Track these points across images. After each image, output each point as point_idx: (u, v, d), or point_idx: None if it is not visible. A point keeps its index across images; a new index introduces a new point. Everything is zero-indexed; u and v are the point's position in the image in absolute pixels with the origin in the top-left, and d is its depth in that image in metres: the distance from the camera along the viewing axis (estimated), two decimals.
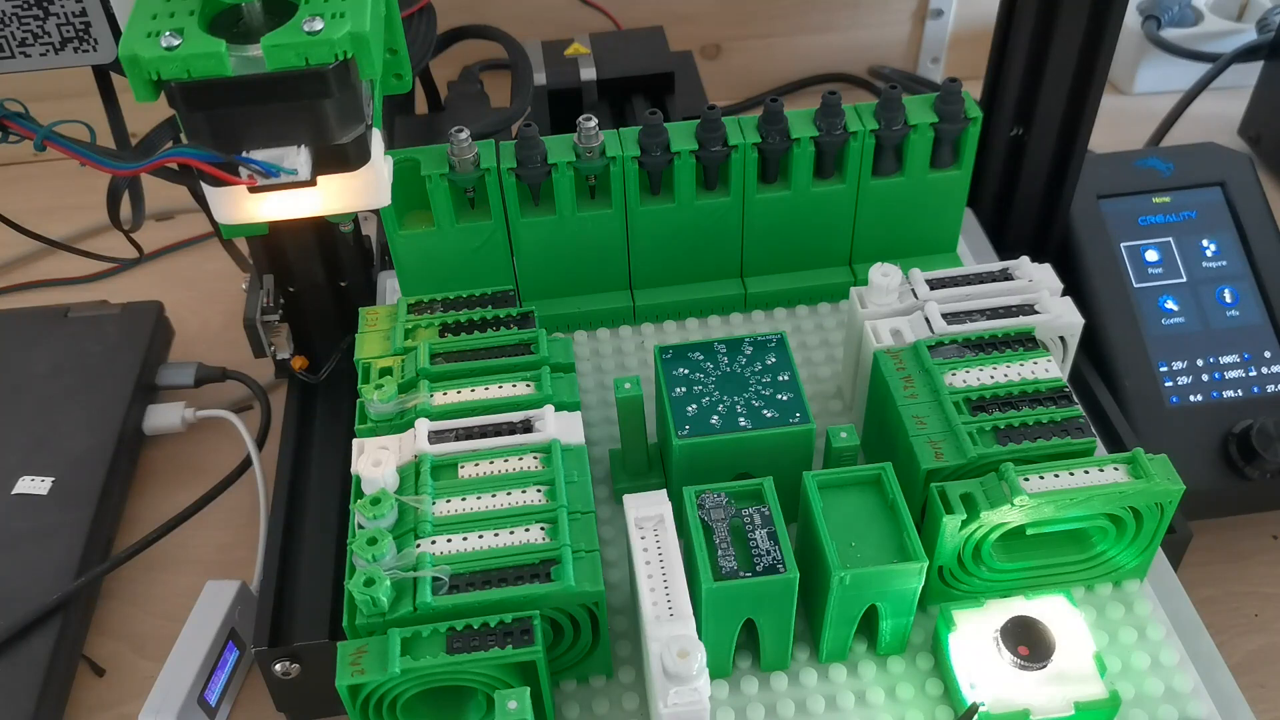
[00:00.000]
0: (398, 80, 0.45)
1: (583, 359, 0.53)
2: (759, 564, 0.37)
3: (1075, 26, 0.53)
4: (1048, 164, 0.58)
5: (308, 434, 0.55)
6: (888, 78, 0.85)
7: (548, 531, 0.38)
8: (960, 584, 0.41)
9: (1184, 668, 0.40)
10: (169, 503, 0.58)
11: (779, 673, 0.40)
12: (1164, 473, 0.39)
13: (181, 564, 0.56)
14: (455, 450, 0.41)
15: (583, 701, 0.40)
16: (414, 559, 0.37)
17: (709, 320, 0.54)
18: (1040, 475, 0.39)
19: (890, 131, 0.50)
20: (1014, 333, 0.44)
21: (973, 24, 0.85)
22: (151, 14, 0.35)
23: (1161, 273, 0.57)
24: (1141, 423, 0.53)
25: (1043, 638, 0.38)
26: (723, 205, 0.52)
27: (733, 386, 0.44)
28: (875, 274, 0.46)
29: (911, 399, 0.42)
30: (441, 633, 0.36)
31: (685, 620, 0.35)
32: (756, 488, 0.39)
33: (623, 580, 0.43)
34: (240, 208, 0.38)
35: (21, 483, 0.55)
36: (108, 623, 0.54)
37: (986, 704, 0.37)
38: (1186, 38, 0.81)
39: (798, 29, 0.85)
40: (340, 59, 0.34)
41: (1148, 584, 0.42)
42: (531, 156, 0.49)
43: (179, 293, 0.70)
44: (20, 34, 0.40)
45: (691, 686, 0.33)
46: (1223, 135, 0.79)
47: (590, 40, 0.72)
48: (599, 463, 0.48)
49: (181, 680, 0.47)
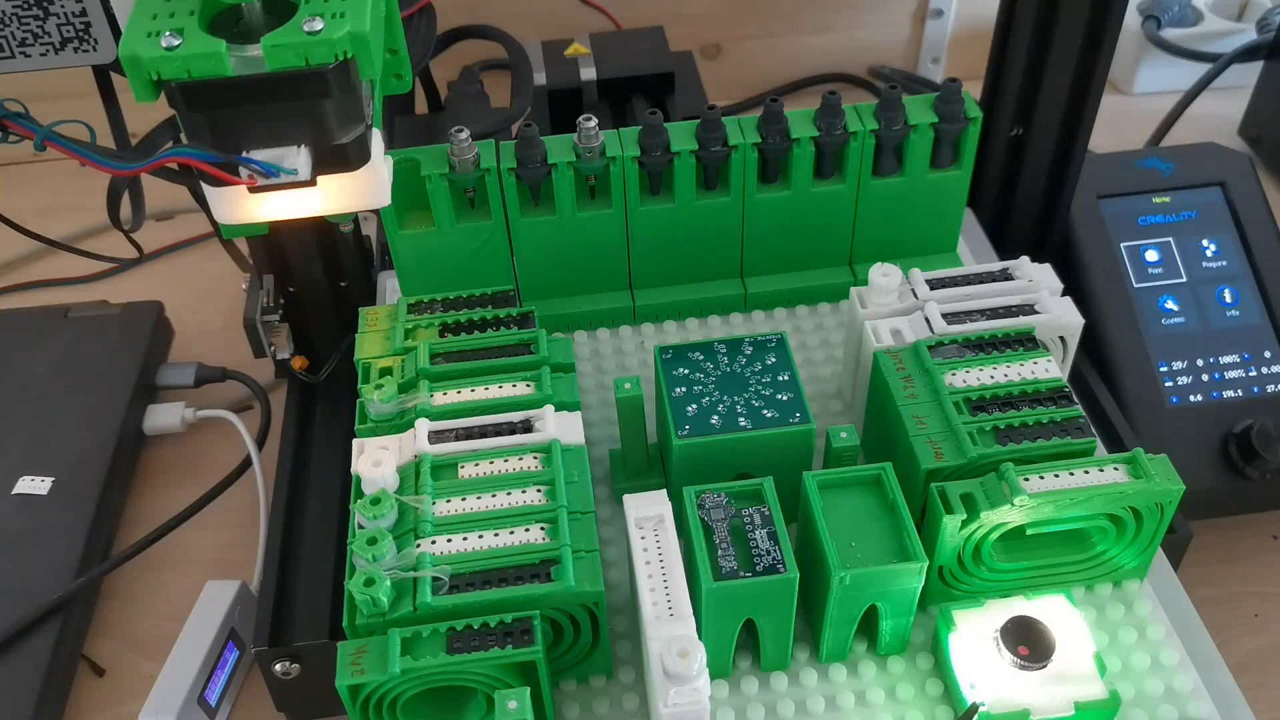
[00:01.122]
0: (398, 80, 0.45)
1: (583, 359, 0.53)
2: (759, 564, 0.37)
3: (1075, 26, 0.53)
4: (1048, 164, 0.58)
5: (308, 434, 0.55)
6: (888, 78, 0.85)
7: (548, 531, 0.38)
8: (960, 584, 0.41)
9: (1184, 668, 0.40)
10: (169, 503, 0.58)
11: (779, 673, 0.40)
12: (1164, 473, 0.39)
13: (181, 564, 0.56)
14: (455, 450, 0.41)
15: (583, 701, 0.40)
16: (414, 559, 0.37)
17: (709, 320, 0.54)
18: (1040, 475, 0.39)
19: (890, 131, 0.50)
20: (1014, 333, 0.44)
21: (973, 24, 0.85)
22: (151, 14, 0.35)
23: (1161, 273, 0.57)
24: (1141, 423, 0.53)
25: (1043, 638, 0.38)
26: (723, 205, 0.52)
27: (733, 386, 0.44)
28: (875, 274, 0.46)
29: (911, 399, 0.42)
30: (441, 633, 0.36)
31: (685, 620, 0.35)
32: (756, 488, 0.39)
33: (623, 580, 0.43)
34: (240, 208, 0.38)
35: (21, 483, 0.55)
36: (108, 623, 0.54)
37: (986, 704, 0.37)
38: (1186, 38, 0.81)
39: (798, 29, 0.85)
40: (340, 59, 0.34)
41: (1148, 584, 0.42)
42: (531, 156, 0.49)
43: (179, 293, 0.70)
44: (20, 34, 0.40)
45: (691, 686, 0.33)
46: (1223, 135, 0.79)
47: (590, 40, 0.72)
48: (599, 463, 0.48)
49: (181, 680, 0.47)
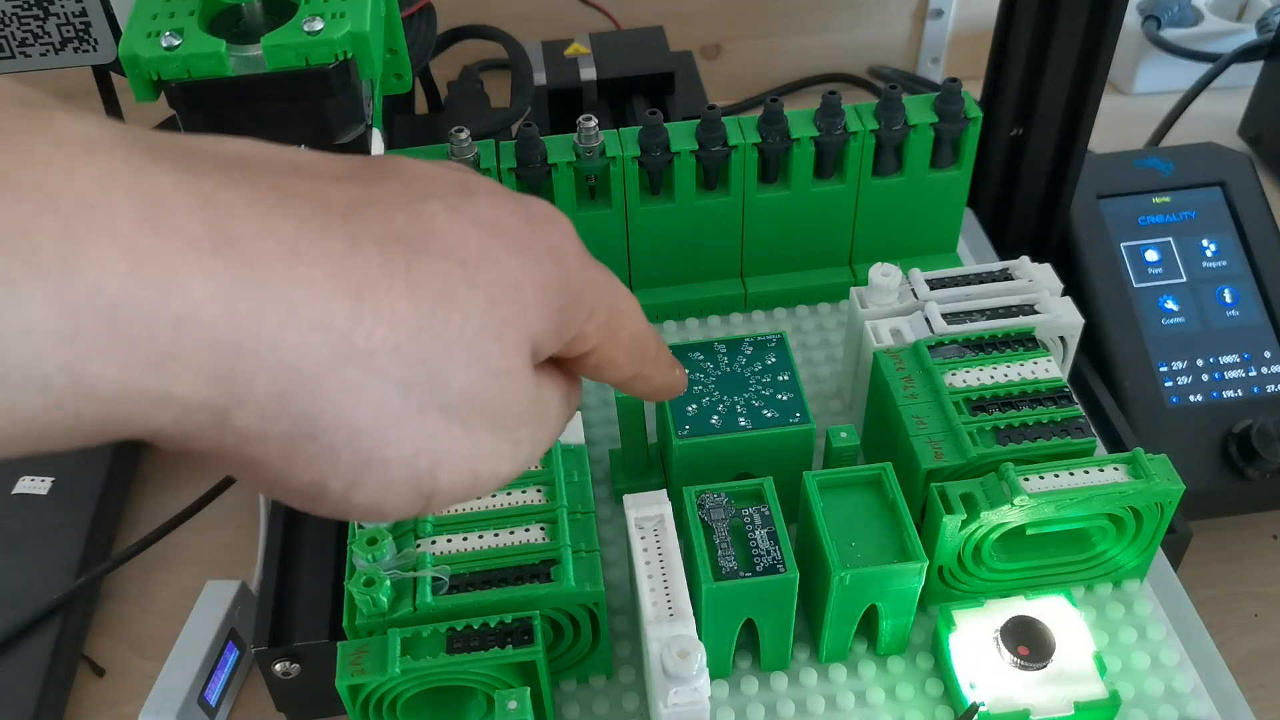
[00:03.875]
0: (398, 80, 0.45)
1: None
2: (759, 564, 0.37)
3: (1075, 26, 0.53)
4: (1048, 164, 0.58)
5: None
6: (888, 78, 0.85)
7: (548, 531, 0.38)
8: (960, 584, 0.41)
9: (1184, 668, 0.40)
10: (169, 503, 0.58)
11: (779, 673, 0.40)
12: (1164, 473, 0.39)
13: (181, 564, 0.56)
14: None
15: (583, 701, 0.40)
16: (414, 559, 0.37)
17: (709, 320, 0.54)
18: (1040, 475, 0.39)
19: (890, 131, 0.50)
20: (1014, 333, 0.44)
21: (973, 24, 0.85)
22: (151, 14, 0.35)
23: (1161, 273, 0.57)
24: (1141, 423, 0.53)
25: (1043, 638, 0.38)
26: (723, 205, 0.52)
27: (733, 386, 0.44)
28: (875, 274, 0.46)
29: (911, 399, 0.42)
30: (441, 633, 0.36)
31: (685, 620, 0.35)
32: (756, 488, 0.39)
33: (623, 580, 0.43)
34: None
35: (21, 483, 0.55)
36: (108, 623, 0.54)
37: (986, 704, 0.37)
38: (1186, 38, 0.81)
39: (798, 29, 0.85)
40: (340, 59, 0.34)
41: (1148, 584, 0.42)
42: (531, 156, 0.49)
43: None
44: (20, 34, 0.40)
45: (691, 686, 0.33)
46: (1223, 135, 0.78)
47: (590, 40, 0.72)
48: (599, 463, 0.48)
49: (181, 680, 0.47)
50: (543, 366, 0.27)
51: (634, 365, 0.31)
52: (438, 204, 0.24)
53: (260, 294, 0.20)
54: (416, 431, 0.23)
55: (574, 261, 0.27)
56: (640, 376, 0.31)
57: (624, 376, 0.31)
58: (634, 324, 0.30)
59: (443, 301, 0.23)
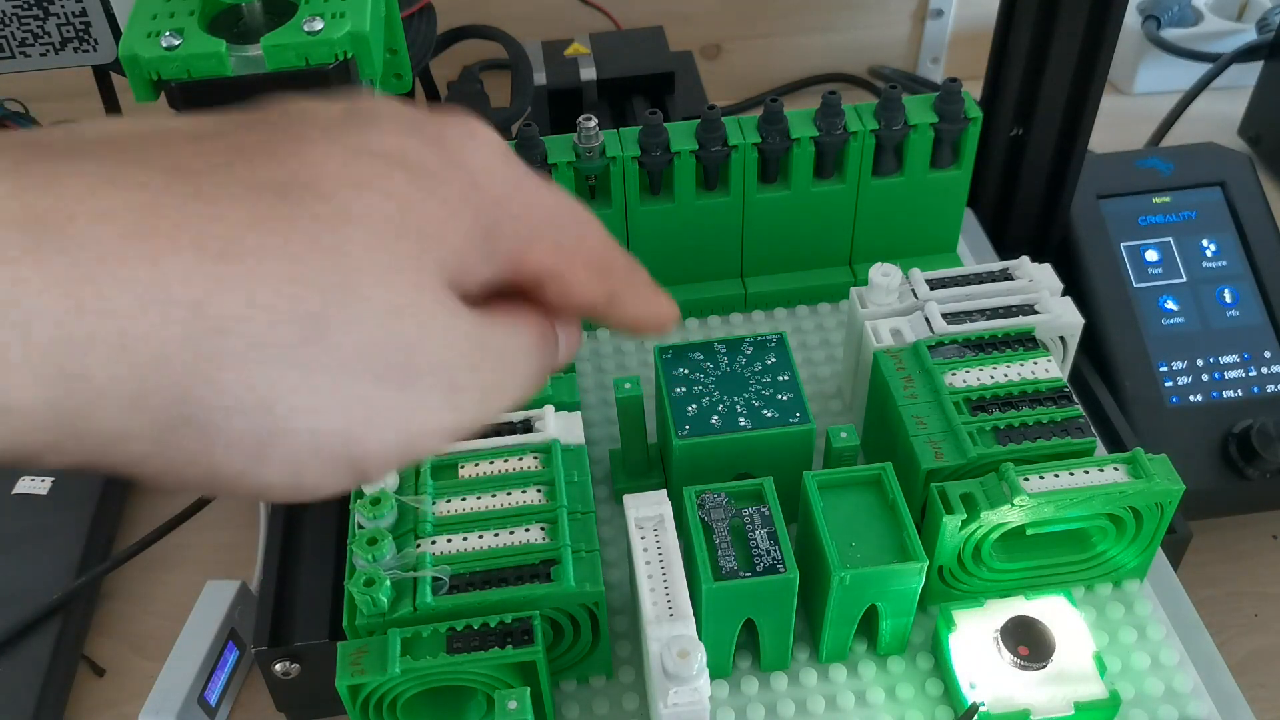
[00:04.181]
0: (398, 80, 0.45)
1: (583, 359, 0.53)
2: (759, 564, 0.37)
3: (1075, 26, 0.53)
4: (1048, 164, 0.58)
5: None
6: (888, 78, 0.85)
7: (548, 531, 0.38)
8: (960, 584, 0.41)
9: (1184, 668, 0.40)
10: (169, 503, 0.58)
11: (779, 673, 0.40)
12: (1164, 473, 0.39)
13: (181, 564, 0.56)
14: (455, 450, 0.41)
15: (583, 701, 0.40)
16: (414, 559, 0.37)
17: (709, 320, 0.54)
18: (1040, 475, 0.39)
19: (890, 131, 0.50)
20: (1014, 333, 0.44)
21: (973, 24, 0.85)
22: (151, 14, 0.35)
23: (1161, 273, 0.57)
24: (1141, 423, 0.53)
25: (1043, 638, 0.38)
26: (723, 205, 0.52)
27: (733, 386, 0.44)
28: (875, 274, 0.46)
29: (911, 399, 0.42)
30: (441, 633, 0.36)
31: (685, 620, 0.35)
32: (756, 488, 0.39)
33: (623, 580, 0.43)
34: None
35: (21, 483, 0.55)
36: (108, 623, 0.54)
37: (986, 704, 0.37)
38: (1186, 38, 0.81)
39: (798, 29, 0.85)
40: (340, 59, 0.34)
41: (1148, 584, 0.42)
42: (531, 156, 0.49)
43: None
44: (20, 34, 0.40)
45: (691, 686, 0.33)
46: (1223, 135, 0.78)
47: (590, 40, 0.72)
48: (599, 463, 0.48)
49: (181, 680, 0.47)
50: (497, 304, 0.25)
51: (601, 284, 0.27)
52: (318, 141, 0.22)
53: (91, 280, 0.18)
54: (312, 397, 0.21)
55: (500, 179, 0.25)
56: (615, 298, 0.28)
57: (594, 299, 0.27)
58: (593, 238, 0.27)
59: (316, 247, 0.21)
